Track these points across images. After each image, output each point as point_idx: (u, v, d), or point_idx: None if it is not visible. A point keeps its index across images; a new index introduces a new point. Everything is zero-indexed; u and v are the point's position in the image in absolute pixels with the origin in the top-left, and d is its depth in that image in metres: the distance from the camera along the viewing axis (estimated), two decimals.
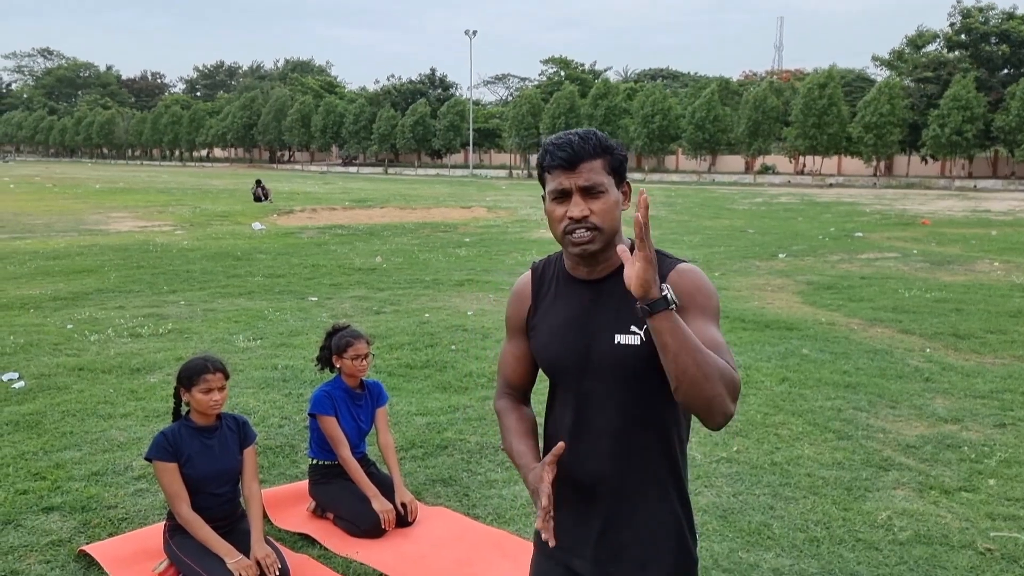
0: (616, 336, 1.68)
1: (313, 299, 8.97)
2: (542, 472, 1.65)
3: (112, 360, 6.29)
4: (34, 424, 4.85)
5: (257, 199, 25.07)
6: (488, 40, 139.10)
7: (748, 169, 53.04)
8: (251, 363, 6.24)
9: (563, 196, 1.66)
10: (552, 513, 1.62)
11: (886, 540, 3.58)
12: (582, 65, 63.83)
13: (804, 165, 52.31)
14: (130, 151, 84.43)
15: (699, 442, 4.70)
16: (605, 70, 64.47)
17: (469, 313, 8.28)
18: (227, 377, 3.18)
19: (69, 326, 7.49)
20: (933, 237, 16.75)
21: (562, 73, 61.94)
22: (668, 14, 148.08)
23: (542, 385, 1.84)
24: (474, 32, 56.73)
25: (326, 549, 3.46)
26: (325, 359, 3.84)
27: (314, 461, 3.82)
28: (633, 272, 1.47)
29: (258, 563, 3.02)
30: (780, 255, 13.38)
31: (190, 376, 3.11)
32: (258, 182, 26.34)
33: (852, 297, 9.43)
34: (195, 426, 3.17)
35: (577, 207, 1.64)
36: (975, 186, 41.34)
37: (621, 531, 1.75)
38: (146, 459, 3.13)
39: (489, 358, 6.45)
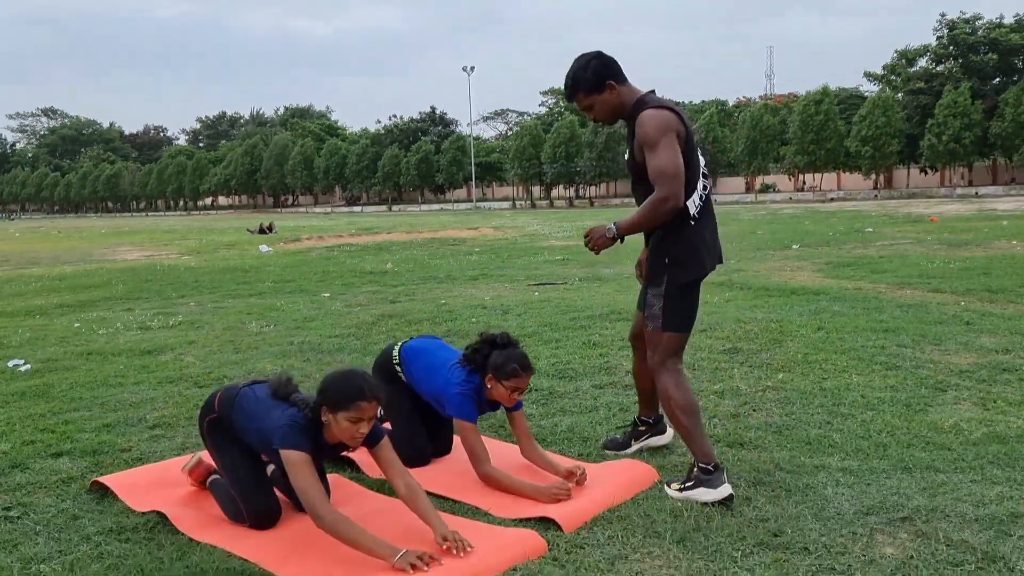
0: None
1: (326, 295, 8.78)
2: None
3: (122, 346, 6.08)
4: (42, 393, 4.63)
5: (262, 231, 25.05)
6: (486, 77, 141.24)
7: (749, 189, 53.09)
8: (265, 341, 6.03)
9: None
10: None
11: (957, 441, 3.33)
12: None
13: (804, 182, 52.33)
14: (134, 203, 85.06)
15: (742, 376, 4.45)
16: None
17: (486, 299, 8.06)
18: (381, 404, 2.62)
19: (76, 324, 7.29)
20: (944, 229, 16.54)
21: (562, 104, 62.47)
22: (661, 47, 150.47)
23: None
24: (472, 68, 57.47)
25: (361, 472, 3.24)
26: (476, 364, 3.17)
27: None
28: None
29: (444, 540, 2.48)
30: (793, 246, 13.18)
31: (339, 399, 2.52)
32: (267, 224, 26.23)
33: (875, 270, 9.20)
34: (324, 444, 2.64)
35: None
36: (976, 192, 41.18)
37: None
38: (283, 448, 2.53)
39: (510, 328, 6.21)
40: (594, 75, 2.93)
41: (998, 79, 45.01)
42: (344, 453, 3.21)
